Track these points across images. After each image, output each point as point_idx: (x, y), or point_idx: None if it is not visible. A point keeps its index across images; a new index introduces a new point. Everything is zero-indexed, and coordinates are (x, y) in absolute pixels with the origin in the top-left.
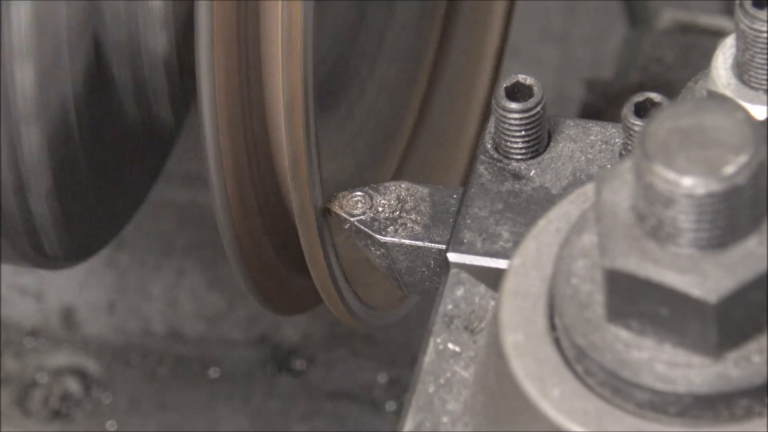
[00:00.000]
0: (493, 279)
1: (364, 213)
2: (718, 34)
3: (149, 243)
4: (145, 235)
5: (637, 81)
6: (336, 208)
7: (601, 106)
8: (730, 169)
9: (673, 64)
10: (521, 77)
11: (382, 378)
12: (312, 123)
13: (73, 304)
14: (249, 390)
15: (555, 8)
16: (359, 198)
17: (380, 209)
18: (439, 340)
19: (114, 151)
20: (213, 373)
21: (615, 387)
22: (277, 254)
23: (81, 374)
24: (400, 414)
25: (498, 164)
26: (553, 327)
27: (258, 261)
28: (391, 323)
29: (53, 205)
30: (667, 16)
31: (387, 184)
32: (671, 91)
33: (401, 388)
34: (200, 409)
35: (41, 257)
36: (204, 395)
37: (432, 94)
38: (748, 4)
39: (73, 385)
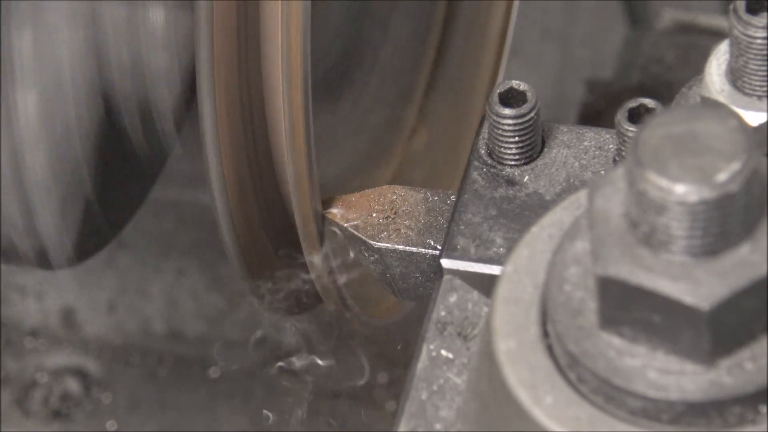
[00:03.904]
0: (486, 285)
1: (357, 218)
2: (718, 34)
3: (149, 243)
4: (145, 235)
5: (637, 81)
6: (329, 213)
7: (601, 106)
8: (722, 177)
9: (674, 64)
10: (515, 83)
11: (382, 378)
12: (312, 122)
13: (73, 304)
14: (249, 390)
15: (555, 8)
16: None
17: (374, 214)
18: (432, 347)
19: (115, 156)
20: (213, 373)
21: (607, 394)
22: (277, 254)
23: (81, 374)
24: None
25: (491, 170)
26: (545, 334)
27: (258, 261)
28: (391, 323)
29: (53, 206)
30: (667, 16)
31: (381, 189)
32: (671, 91)
33: (401, 388)
34: (200, 409)
35: (42, 258)
36: (204, 395)
37: (431, 95)
38: (741, 10)
39: (73, 385)
